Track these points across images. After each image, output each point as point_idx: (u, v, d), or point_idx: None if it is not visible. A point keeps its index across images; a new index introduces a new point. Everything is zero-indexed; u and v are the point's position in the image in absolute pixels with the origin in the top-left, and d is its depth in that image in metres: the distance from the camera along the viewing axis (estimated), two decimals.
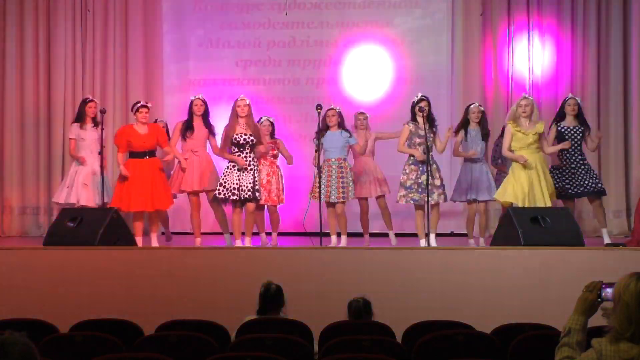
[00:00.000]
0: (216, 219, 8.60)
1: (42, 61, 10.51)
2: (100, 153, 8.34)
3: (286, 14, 10.44)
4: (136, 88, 10.57)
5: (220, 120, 8.55)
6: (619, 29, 10.26)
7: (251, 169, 8.16)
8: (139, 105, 8.42)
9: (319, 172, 8.20)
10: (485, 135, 8.56)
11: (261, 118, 8.93)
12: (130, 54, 10.60)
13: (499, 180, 8.54)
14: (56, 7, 10.53)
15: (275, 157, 8.85)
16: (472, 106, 8.68)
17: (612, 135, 10.22)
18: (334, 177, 8.35)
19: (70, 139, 8.97)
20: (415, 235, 8.41)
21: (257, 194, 8.16)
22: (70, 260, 6.79)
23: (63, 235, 7.23)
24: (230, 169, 8.22)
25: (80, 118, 8.87)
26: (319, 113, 8.29)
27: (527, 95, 8.34)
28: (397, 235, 8.89)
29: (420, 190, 8.09)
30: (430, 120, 8.22)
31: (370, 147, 8.81)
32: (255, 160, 8.23)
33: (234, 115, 8.25)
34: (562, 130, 8.45)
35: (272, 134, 8.98)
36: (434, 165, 8.16)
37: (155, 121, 9.15)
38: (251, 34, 10.65)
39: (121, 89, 10.58)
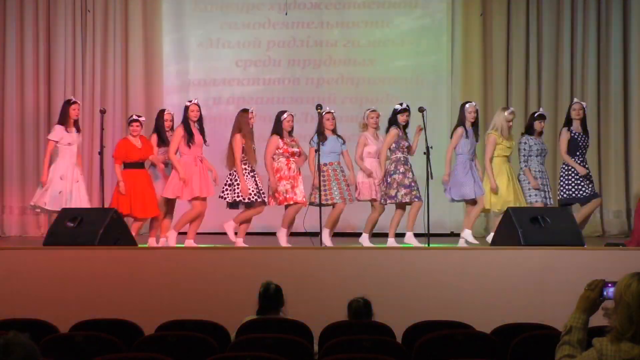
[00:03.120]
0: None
1: (42, 61, 10.51)
2: (100, 153, 8.34)
3: (286, 14, 10.44)
4: (136, 88, 10.57)
5: (220, 120, 8.49)
6: (619, 29, 10.27)
7: (252, 175, 8.24)
8: (130, 119, 8.54)
9: (319, 174, 8.19)
10: (477, 135, 8.53)
11: (284, 112, 8.53)
12: (130, 54, 10.60)
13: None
14: (56, 7, 10.54)
15: (300, 155, 8.64)
16: (468, 105, 8.55)
17: (612, 135, 10.22)
18: (340, 180, 8.39)
19: (49, 140, 8.63)
20: (417, 235, 8.43)
21: (261, 197, 8.27)
22: (70, 260, 6.77)
23: (63, 235, 7.22)
24: (234, 174, 8.25)
25: (64, 120, 8.59)
26: (319, 113, 8.29)
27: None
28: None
29: (401, 188, 8.26)
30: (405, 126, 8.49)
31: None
32: (251, 166, 8.27)
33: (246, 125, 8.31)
34: (576, 136, 8.39)
35: (290, 132, 8.70)
36: (409, 166, 8.41)
37: (163, 111, 8.91)
38: (251, 34, 10.65)
39: (121, 89, 10.58)
